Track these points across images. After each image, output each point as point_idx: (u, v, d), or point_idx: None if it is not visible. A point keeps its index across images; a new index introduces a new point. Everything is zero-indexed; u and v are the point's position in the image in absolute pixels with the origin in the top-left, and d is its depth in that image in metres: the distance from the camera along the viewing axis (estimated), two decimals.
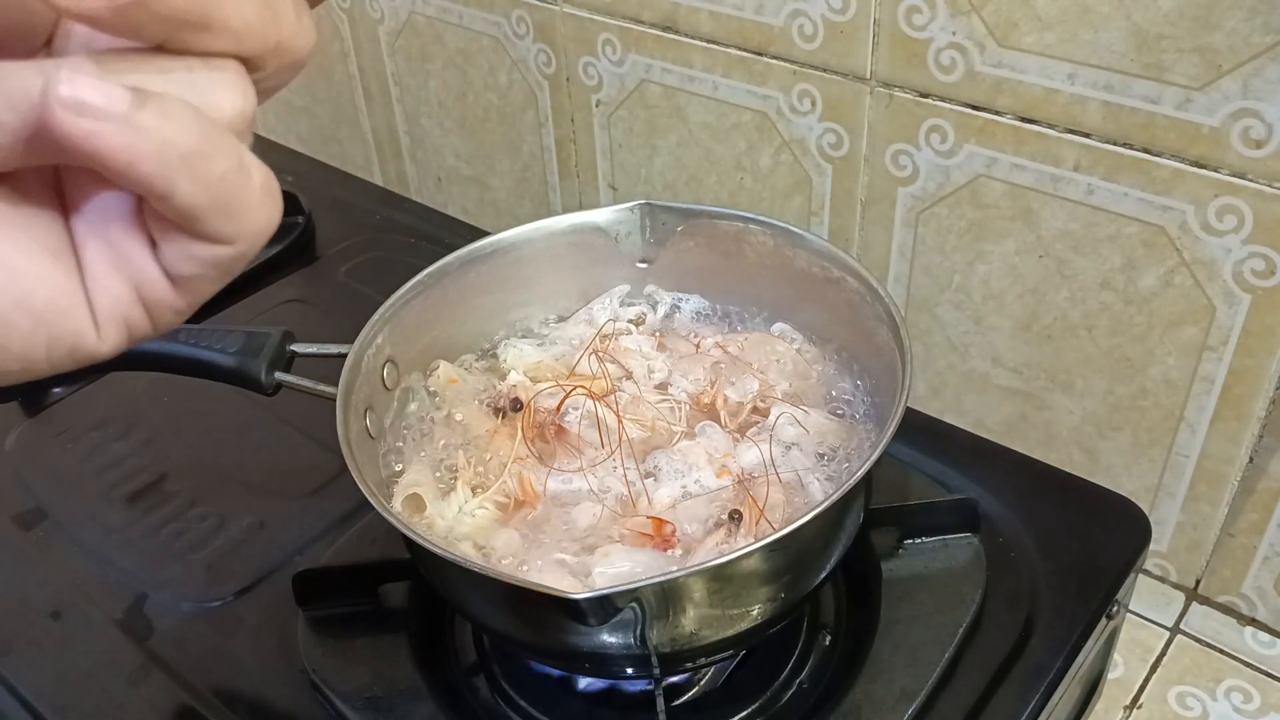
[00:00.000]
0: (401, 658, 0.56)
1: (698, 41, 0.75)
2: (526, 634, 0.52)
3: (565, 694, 0.56)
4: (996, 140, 0.64)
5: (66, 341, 0.23)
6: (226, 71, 0.24)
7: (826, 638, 0.58)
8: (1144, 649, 0.69)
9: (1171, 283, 0.62)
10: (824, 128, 0.72)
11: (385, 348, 0.57)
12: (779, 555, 0.47)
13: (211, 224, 0.23)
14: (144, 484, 0.71)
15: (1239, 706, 0.65)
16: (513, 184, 0.99)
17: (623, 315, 0.65)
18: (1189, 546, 0.70)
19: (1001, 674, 0.54)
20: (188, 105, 0.21)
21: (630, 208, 0.63)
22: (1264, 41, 0.53)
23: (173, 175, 0.21)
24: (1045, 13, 0.59)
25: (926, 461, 0.64)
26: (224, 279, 0.25)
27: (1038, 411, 0.72)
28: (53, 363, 0.24)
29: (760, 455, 0.54)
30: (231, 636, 0.60)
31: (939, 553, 0.59)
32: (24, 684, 0.58)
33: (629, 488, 0.53)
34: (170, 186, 0.21)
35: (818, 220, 0.77)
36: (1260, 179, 0.56)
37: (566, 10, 0.83)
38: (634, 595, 0.44)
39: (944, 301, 0.73)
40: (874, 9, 0.65)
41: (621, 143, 0.86)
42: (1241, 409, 0.63)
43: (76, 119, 0.20)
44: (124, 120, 0.20)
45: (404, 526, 0.45)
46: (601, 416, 0.56)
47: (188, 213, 0.22)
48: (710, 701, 0.56)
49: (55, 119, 0.20)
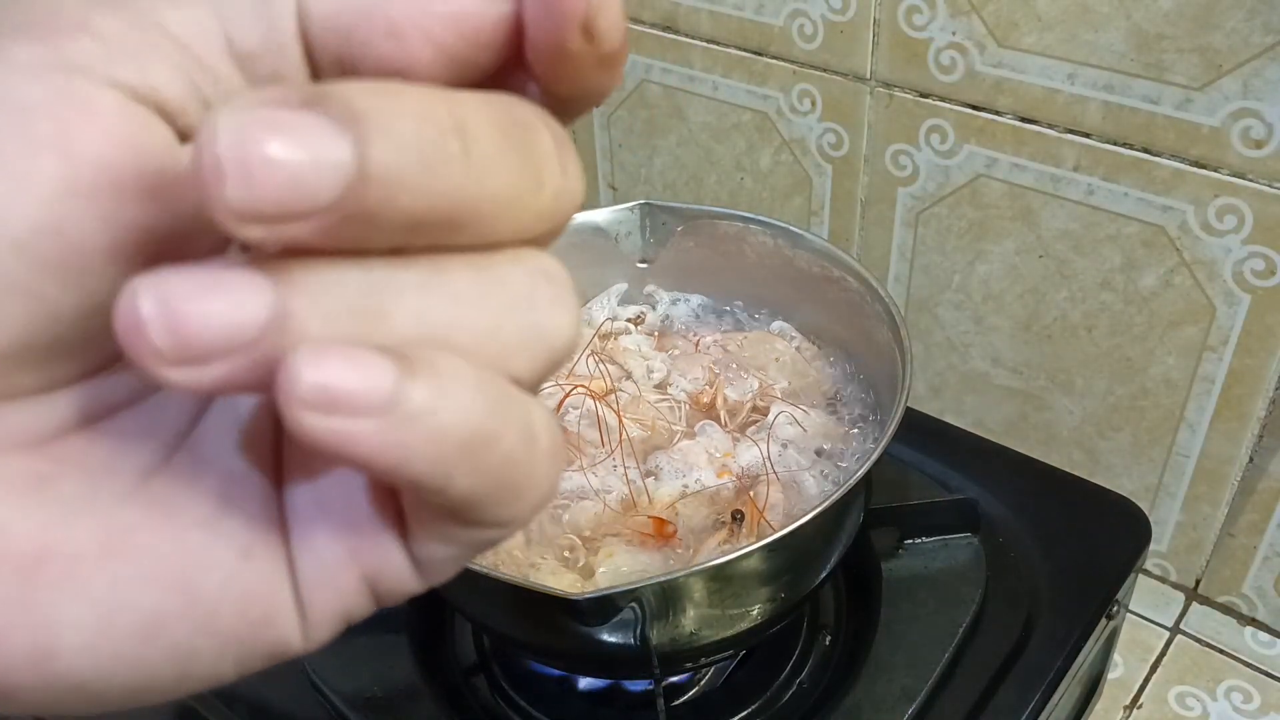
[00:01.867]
0: (401, 658, 0.56)
1: (698, 41, 0.75)
2: (526, 634, 0.52)
3: (565, 694, 0.56)
4: (996, 140, 0.64)
5: (262, 651, 0.18)
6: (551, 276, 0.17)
7: (826, 638, 0.58)
8: (1144, 649, 0.69)
9: (1171, 283, 0.62)
10: (824, 128, 0.72)
11: None
12: (779, 555, 0.47)
13: (489, 512, 0.17)
14: None
15: (1239, 706, 0.65)
16: None
17: (621, 314, 0.65)
18: (1189, 546, 0.70)
19: (1001, 674, 0.54)
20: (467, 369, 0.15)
21: (630, 208, 0.63)
22: (1264, 41, 0.53)
23: (450, 469, 0.15)
24: (1045, 13, 0.59)
25: (926, 461, 0.64)
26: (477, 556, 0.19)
27: (1038, 411, 0.72)
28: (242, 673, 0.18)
29: (760, 454, 0.54)
30: None
31: (939, 553, 0.59)
32: None
33: (629, 487, 0.53)
34: (446, 483, 0.15)
35: (818, 220, 0.77)
36: (1260, 179, 0.56)
37: None
38: (634, 595, 0.44)
39: (944, 301, 0.73)
40: (874, 9, 0.65)
41: (621, 143, 0.86)
42: (1241, 409, 0.63)
43: (325, 420, 0.14)
44: (390, 413, 0.14)
45: None
46: (602, 416, 0.56)
47: (462, 505, 0.16)
48: (710, 701, 0.56)
49: (295, 420, 0.14)
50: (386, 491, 0.17)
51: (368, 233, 0.14)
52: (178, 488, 0.17)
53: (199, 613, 0.17)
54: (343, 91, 0.14)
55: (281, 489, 0.18)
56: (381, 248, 0.15)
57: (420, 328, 0.15)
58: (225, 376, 0.14)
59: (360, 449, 0.14)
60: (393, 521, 0.17)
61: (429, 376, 0.14)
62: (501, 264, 0.16)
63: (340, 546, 0.17)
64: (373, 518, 0.17)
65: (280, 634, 0.18)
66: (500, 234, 0.16)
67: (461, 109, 0.15)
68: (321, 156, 0.13)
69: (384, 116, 0.14)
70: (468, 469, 0.15)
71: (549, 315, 0.17)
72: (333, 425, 0.14)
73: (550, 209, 0.16)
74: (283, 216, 0.14)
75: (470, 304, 0.16)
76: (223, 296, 0.14)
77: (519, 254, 0.16)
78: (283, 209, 0.13)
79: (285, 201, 0.13)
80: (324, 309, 0.14)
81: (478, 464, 0.15)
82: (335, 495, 0.17)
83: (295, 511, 0.17)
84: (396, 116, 0.14)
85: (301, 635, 0.18)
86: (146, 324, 0.14)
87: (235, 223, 0.13)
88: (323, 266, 0.15)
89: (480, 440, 0.15)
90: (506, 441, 0.16)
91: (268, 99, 0.14)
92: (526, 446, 0.16)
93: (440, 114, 0.15)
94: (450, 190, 0.15)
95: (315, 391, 0.14)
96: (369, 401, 0.14)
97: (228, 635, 0.17)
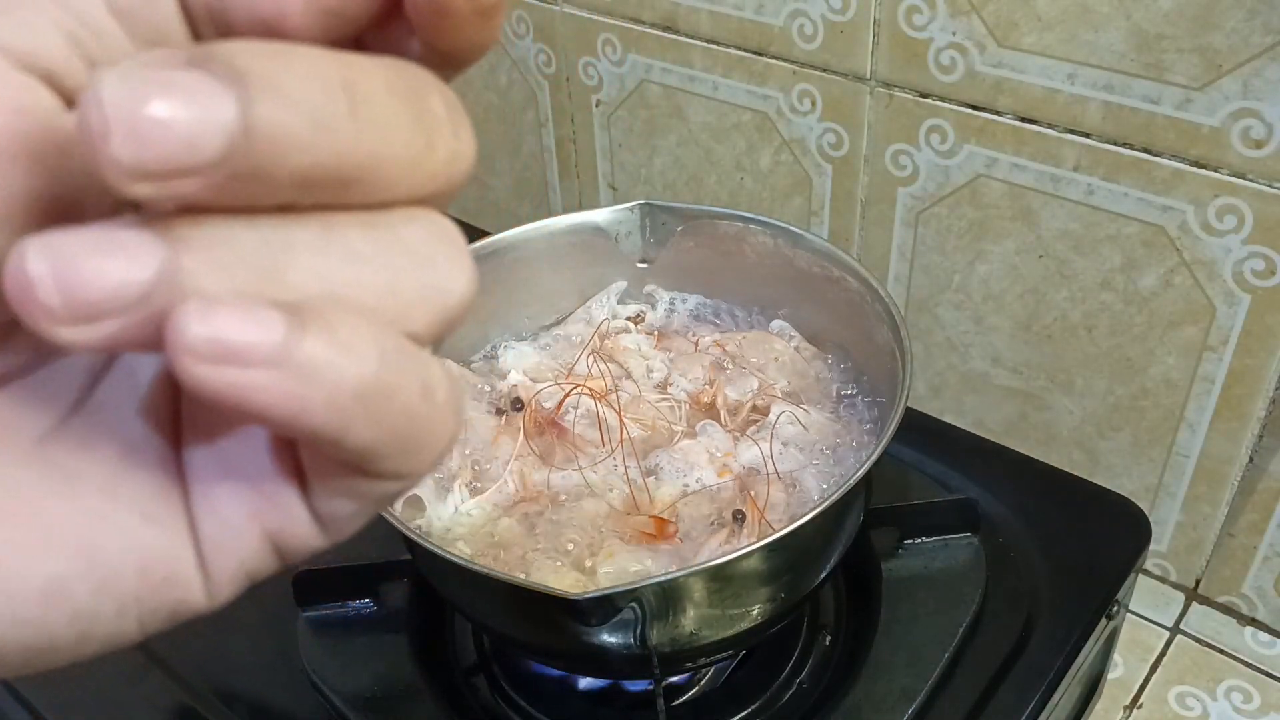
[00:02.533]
0: (401, 658, 0.56)
1: (698, 41, 0.75)
2: (526, 634, 0.52)
3: (565, 694, 0.56)
4: (996, 140, 0.64)
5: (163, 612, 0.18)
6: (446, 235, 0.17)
7: (826, 638, 0.58)
8: (1144, 649, 0.69)
9: (1171, 283, 0.62)
10: (824, 128, 0.72)
11: None
12: (779, 555, 0.47)
13: (387, 464, 0.17)
14: None
15: (1239, 706, 0.65)
16: (513, 184, 0.99)
17: (621, 314, 0.65)
18: (1189, 546, 0.70)
19: (1001, 674, 0.54)
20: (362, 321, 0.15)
21: (630, 208, 0.63)
22: (1264, 41, 0.53)
23: (346, 420, 0.15)
24: (1045, 13, 0.59)
25: (926, 461, 0.64)
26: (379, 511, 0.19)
27: (1038, 411, 0.72)
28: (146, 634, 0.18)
29: (761, 454, 0.54)
30: (231, 636, 0.60)
31: (939, 553, 0.59)
32: (24, 684, 0.58)
33: (630, 486, 0.53)
34: (342, 435, 0.16)
35: (818, 220, 0.77)
36: (1260, 179, 0.56)
37: (566, 10, 0.83)
38: (634, 595, 0.44)
39: (944, 301, 0.73)
40: (874, 9, 0.65)
41: (621, 143, 0.86)
42: (1241, 409, 0.63)
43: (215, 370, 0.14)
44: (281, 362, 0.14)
45: (404, 526, 0.45)
46: (602, 415, 0.56)
47: (360, 457, 0.16)
48: (710, 701, 0.56)
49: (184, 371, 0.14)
50: (287, 450, 0.18)
51: (258, 190, 0.15)
52: (76, 452, 0.17)
53: (100, 576, 0.17)
54: (228, 50, 0.14)
55: (181, 452, 0.18)
56: (273, 206, 0.15)
57: (316, 285, 0.15)
58: (117, 333, 0.14)
59: (254, 400, 0.14)
60: (293, 479, 0.18)
61: (321, 329, 0.15)
62: (397, 223, 0.16)
63: (241, 506, 0.18)
64: (273, 476, 0.18)
65: (183, 594, 0.18)
66: (393, 194, 0.16)
67: (349, 70, 0.15)
68: (207, 114, 0.14)
69: (270, 75, 0.14)
70: (365, 421, 0.16)
71: (445, 273, 0.17)
72: (224, 376, 0.14)
73: (443, 170, 0.17)
74: (170, 174, 0.14)
75: (366, 262, 0.16)
76: (112, 254, 0.14)
77: (414, 214, 0.17)
78: (169, 166, 0.14)
79: (172, 158, 0.14)
80: (216, 266, 0.15)
81: (375, 416, 0.16)
82: (235, 456, 0.18)
83: (195, 473, 0.18)
84: (282, 75, 0.14)
85: (205, 594, 0.18)
86: (36, 283, 0.14)
87: (123, 181, 0.14)
88: (214, 225, 0.15)
89: (377, 392, 0.15)
90: (404, 394, 0.16)
91: (153, 59, 0.14)
92: (425, 400, 0.16)
93: (327, 73, 0.15)
94: (338, 148, 0.15)
95: (203, 342, 0.14)
96: (259, 352, 0.14)
97: (129, 597, 0.17)
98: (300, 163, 0.15)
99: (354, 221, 0.16)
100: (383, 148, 0.15)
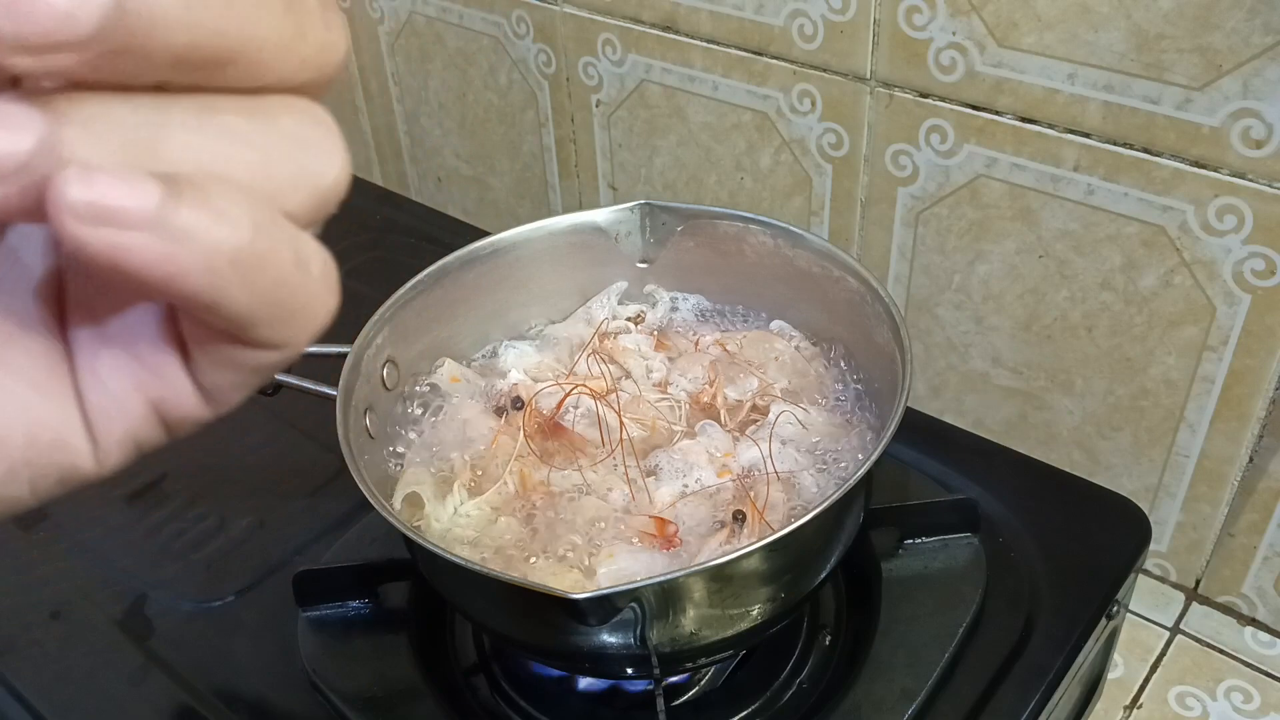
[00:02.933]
0: (401, 658, 0.56)
1: (698, 41, 0.75)
2: (526, 634, 0.52)
3: (565, 694, 0.56)
4: (996, 140, 0.64)
5: (54, 476, 0.19)
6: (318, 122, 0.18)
7: (826, 638, 0.58)
8: (1144, 649, 0.69)
9: (1171, 283, 0.62)
10: (824, 128, 0.72)
11: (385, 348, 0.57)
12: (779, 555, 0.47)
13: (265, 331, 0.18)
14: (144, 484, 0.71)
15: (1239, 706, 0.65)
16: (513, 184, 0.99)
17: (621, 314, 0.65)
18: (1189, 546, 0.70)
19: (1001, 674, 0.54)
20: (235, 191, 0.17)
21: (630, 208, 0.63)
22: (1264, 41, 0.53)
23: (222, 285, 0.17)
24: (1045, 13, 0.59)
25: (926, 461, 0.64)
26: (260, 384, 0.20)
27: (1038, 411, 0.72)
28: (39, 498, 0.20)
29: (760, 454, 0.54)
30: (231, 636, 0.60)
31: (939, 553, 0.59)
32: (24, 684, 0.58)
33: (630, 486, 0.53)
34: (218, 298, 0.17)
35: (818, 220, 0.77)
36: (1260, 179, 0.56)
37: (566, 10, 0.83)
38: (634, 595, 0.44)
39: (944, 301, 0.73)
40: (874, 9, 0.65)
41: (621, 143, 0.86)
42: (1241, 409, 0.63)
43: (95, 230, 0.15)
44: (158, 225, 0.15)
45: (404, 526, 0.45)
46: (602, 415, 0.56)
47: (237, 324, 0.18)
48: (710, 701, 0.56)
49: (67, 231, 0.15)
50: (169, 324, 0.19)
51: (134, 68, 0.16)
52: None
53: None
54: None
55: (67, 329, 0.19)
56: (151, 85, 0.16)
57: (192, 160, 0.17)
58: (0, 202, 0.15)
59: (131, 261, 0.16)
60: (175, 351, 0.19)
61: (196, 196, 0.16)
62: (272, 108, 0.18)
63: (125, 377, 0.19)
64: (155, 348, 0.19)
65: (71, 458, 0.19)
66: (266, 78, 0.17)
67: None
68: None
69: None
70: (240, 286, 0.17)
71: (318, 157, 0.18)
72: (103, 237, 0.15)
73: (314, 58, 0.18)
74: (47, 47, 0.14)
75: (241, 141, 0.17)
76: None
77: (287, 100, 0.18)
78: (47, 39, 0.14)
79: (49, 32, 0.14)
80: (94, 138, 0.16)
81: (250, 282, 0.17)
82: (118, 331, 0.19)
83: (80, 348, 0.19)
84: None
85: (93, 460, 0.20)
86: None
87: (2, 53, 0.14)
88: (93, 100, 0.16)
89: (251, 258, 0.17)
90: (278, 263, 0.17)
91: None
92: (299, 271, 0.18)
93: None
94: (210, 25, 0.16)
95: (83, 205, 0.15)
96: (136, 215, 0.15)
97: (18, 460, 0.19)
98: (173, 40, 0.15)
99: (230, 104, 0.17)
100: (253, 28, 0.16)
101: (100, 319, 0.19)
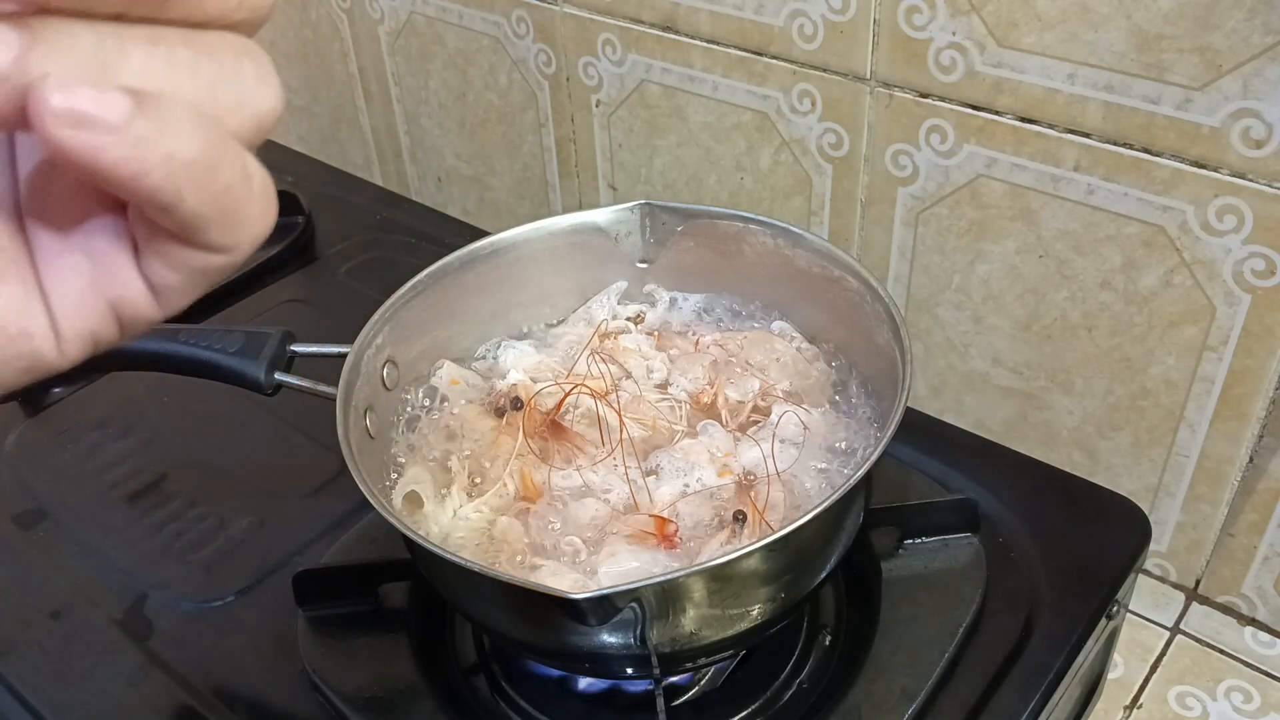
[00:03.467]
0: (401, 658, 0.56)
1: (698, 41, 0.75)
2: (526, 634, 0.52)
3: (565, 694, 0.56)
4: (996, 140, 0.64)
5: (20, 364, 0.22)
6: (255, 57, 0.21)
7: (826, 638, 0.58)
8: (1144, 649, 0.69)
9: (1171, 283, 0.62)
10: (824, 128, 0.72)
11: (385, 348, 0.57)
12: (779, 555, 0.47)
13: (214, 234, 0.21)
14: (144, 484, 0.71)
15: (1239, 706, 0.65)
16: (513, 184, 0.99)
17: (621, 314, 0.65)
18: (1189, 546, 0.70)
19: (1001, 674, 0.54)
20: (189, 108, 0.20)
21: (630, 208, 0.63)
22: (1264, 41, 0.53)
23: (179, 186, 0.20)
24: (1045, 13, 0.59)
25: (926, 461, 0.64)
26: (207, 287, 0.23)
27: (1038, 411, 0.72)
28: (5, 386, 0.22)
29: (761, 454, 0.54)
30: (231, 636, 0.60)
31: (939, 553, 0.59)
32: (24, 684, 0.58)
33: (630, 486, 0.53)
34: (176, 199, 0.20)
35: (818, 220, 0.77)
36: (1260, 179, 0.56)
37: (566, 10, 0.83)
38: (634, 595, 0.44)
39: (944, 301, 0.73)
40: (874, 9, 0.65)
41: (621, 143, 0.86)
42: (1241, 409, 0.63)
43: (75, 133, 0.18)
44: (126, 131, 0.18)
45: (404, 526, 0.45)
46: (602, 415, 0.56)
47: (191, 224, 0.21)
48: (710, 701, 0.56)
49: (49, 133, 0.18)
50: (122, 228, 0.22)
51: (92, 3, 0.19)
52: None
53: None
54: None
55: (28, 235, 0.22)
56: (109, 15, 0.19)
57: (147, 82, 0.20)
58: None
59: (103, 159, 0.18)
60: (129, 253, 0.22)
61: (158, 109, 0.19)
62: (212, 41, 0.21)
63: (84, 276, 0.22)
64: (109, 249, 0.22)
65: (36, 347, 0.22)
66: (207, 14, 0.21)
67: None
68: None
69: None
70: (193, 189, 0.20)
71: (254, 86, 0.22)
72: (80, 138, 0.18)
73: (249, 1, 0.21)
74: None
75: (186, 68, 0.20)
76: None
77: (225, 35, 0.21)
78: None
79: None
80: (63, 56, 0.19)
81: (202, 186, 0.20)
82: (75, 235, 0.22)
83: (42, 250, 0.22)
84: None
85: (57, 351, 0.22)
86: None
87: None
88: (60, 25, 0.19)
89: (203, 165, 0.20)
90: (226, 172, 0.21)
91: None
92: (243, 182, 0.21)
93: None
94: None
95: (65, 111, 0.18)
96: (109, 121, 0.18)
97: None
98: None
99: (177, 36, 0.20)
100: None
101: (62, 227, 0.22)
